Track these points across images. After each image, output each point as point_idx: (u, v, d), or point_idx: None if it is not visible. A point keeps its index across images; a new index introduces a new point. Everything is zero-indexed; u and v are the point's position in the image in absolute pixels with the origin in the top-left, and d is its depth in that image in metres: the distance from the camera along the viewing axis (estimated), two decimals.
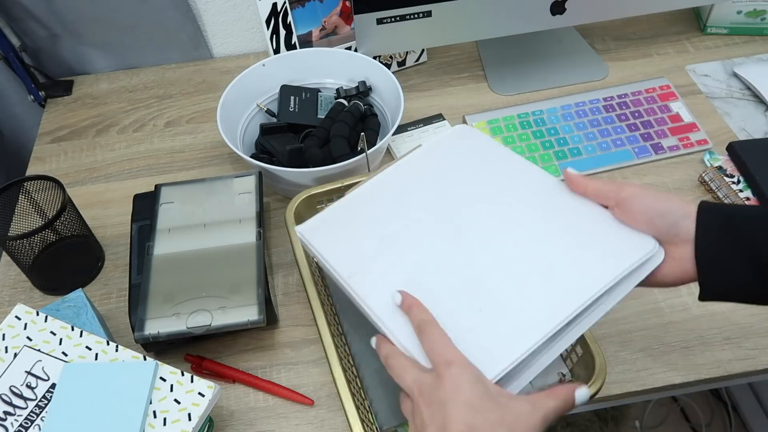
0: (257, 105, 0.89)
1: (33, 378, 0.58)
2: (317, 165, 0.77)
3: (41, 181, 0.74)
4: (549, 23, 0.92)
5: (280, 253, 0.79)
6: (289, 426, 0.65)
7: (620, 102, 0.92)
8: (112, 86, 1.04)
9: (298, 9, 0.95)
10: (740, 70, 0.96)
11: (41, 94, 1.01)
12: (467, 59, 1.04)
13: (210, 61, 1.07)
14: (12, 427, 0.55)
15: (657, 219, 0.49)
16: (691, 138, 0.88)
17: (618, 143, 0.88)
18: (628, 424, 1.40)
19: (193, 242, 0.70)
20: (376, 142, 0.82)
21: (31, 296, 0.77)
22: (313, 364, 0.69)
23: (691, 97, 0.94)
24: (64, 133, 0.97)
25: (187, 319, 0.63)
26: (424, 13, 0.86)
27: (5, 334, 0.61)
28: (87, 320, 0.66)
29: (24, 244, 0.73)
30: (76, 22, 0.98)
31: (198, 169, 0.90)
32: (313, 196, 0.72)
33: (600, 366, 0.57)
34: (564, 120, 0.90)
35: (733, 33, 1.03)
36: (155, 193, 0.75)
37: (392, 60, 1.00)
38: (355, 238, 0.60)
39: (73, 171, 0.91)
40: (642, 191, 0.51)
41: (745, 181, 0.79)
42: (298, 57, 0.90)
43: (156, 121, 0.98)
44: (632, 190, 0.51)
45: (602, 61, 1.01)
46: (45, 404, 0.57)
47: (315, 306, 0.62)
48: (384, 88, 0.87)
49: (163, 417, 0.56)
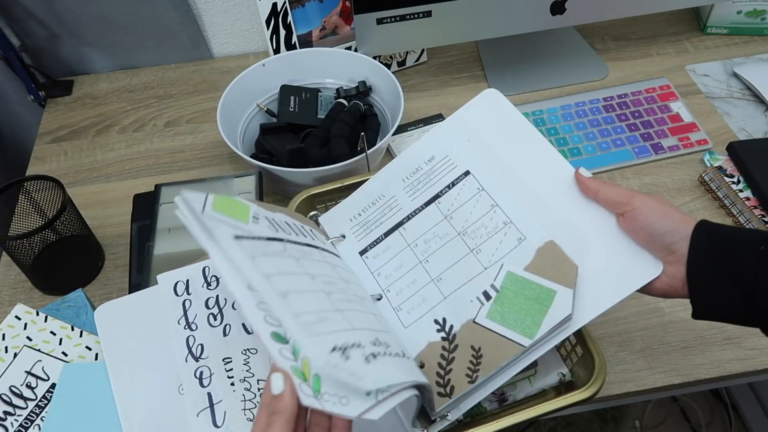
0: (257, 105, 0.89)
1: (33, 378, 0.58)
2: (317, 165, 0.77)
3: (41, 181, 0.74)
4: (549, 23, 0.92)
5: None
6: None
7: (620, 102, 0.92)
8: (112, 86, 1.04)
9: (298, 9, 0.95)
10: (740, 70, 0.96)
11: (41, 94, 1.01)
12: (467, 59, 1.04)
13: (210, 61, 1.07)
14: (12, 427, 0.55)
15: (657, 237, 0.51)
16: (691, 138, 0.88)
17: (618, 143, 0.88)
18: (628, 424, 1.40)
19: (193, 242, 0.69)
20: (376, 142, 0.82)
21: (31, 296, 0.77)
22: None
23: (691, 97, 0.94)
24: (64, 133, 0.97)
25: None
26: (424, 13, 0.86)
27: (5, 334, 0.61)
28: (87, 320, 0.66)
29: (24, 244, 0.73)
30: (76, 22, 0.98)
31: (198, 169, 0.90)
32: (313, 196, 0.72)
33: (600, 366, 0.57)
34: (564, 120, 0.90)
35: (733, 33, 1.03)
36: (155, 193, 0.75)
37: (392, 60, 1.00)
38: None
39: (73, 171, 0.91)
40: (648, 206, 0.51)
41: (745, 181, 0.79)
42: (298, 57, 0.90)
43: (156, 121, 0.98)
44: (640, 204, 0.52)
45: (602, 61, 1.01)
46: (45, 404, 0.57)
47: None
48: (384, 88, 0.87)
49: None
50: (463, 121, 0.62)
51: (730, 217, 0.79)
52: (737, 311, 0.48)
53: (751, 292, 0.47)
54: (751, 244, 0.48)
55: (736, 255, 0.48)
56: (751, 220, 0.76)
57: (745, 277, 0.47)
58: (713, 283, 0.49)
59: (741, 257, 0.48)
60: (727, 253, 0.48)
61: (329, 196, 0.72)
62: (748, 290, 0.47)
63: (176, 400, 0.54)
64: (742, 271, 0.47)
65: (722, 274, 0.48)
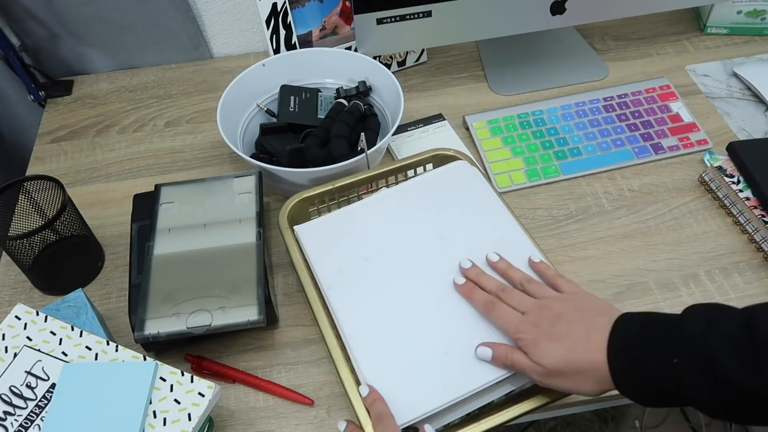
0: (257, 105, 0.89)
1: (33, 378, 0.58)
2: (317, 165, 0.77)
3: (41, 181, 0.74)
4: (549, 23, 0.92)
5: (280, 253, 0.79)
6: (289, 426, 0.65)
7: (620, 102, 0.92)
8: (112, 86, 1.04)
9: (298, 9, 0.95)
10: (740, 70, 0.96)
11: (41, 94, 1.01)
12: (467, 59, 1.04)
13: (210, 61, 1.07)
14: (12, 427, 0.55)
15: None
16: (691, 138, 0.88)
17: (618, 143, 0.88)
18: (628, 424, 1.40)
19: (193, 242, 0.70)
20: (376, 142, 0.82)
21: (31, 296, 0.77)
22: (313, 364, 0.69)
23: (691, 97, 0.94)
24: (64, 133, 0.97)
25: (187, 319, 0.63)
26: (424, 13, 0.86)
27: (5, 334, 0.61)
28: (87, 320, 0.66)
29: (24, 244, 0.73)
30: (76, 22, 0.98)
31: (198, 169, 0.90)
32: (307, 198, 0.72)
33: None
34: (564, 120, 0.90)
35: (733, 33, 1.03)
36: (155, 193, 0.75)
37: (392, 60, 1.00)
38: (342, 251, 0.65)
39: (73, 171, 0.91)
40: None
41: (745, 181, 0.79)
42: (298, 57, 0.90)
43: (156, 121, 0.98)
44: None
45: (602, 61, 1.01)
46: (45, 404, 0.57)
47: (316, 308, 0.62)
48: (384, 88, 0.87)
49: (163, 417, 0.56)
50: None
51: (730, 216, 0.79)
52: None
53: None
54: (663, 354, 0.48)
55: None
56: (751, 220, 0.76)
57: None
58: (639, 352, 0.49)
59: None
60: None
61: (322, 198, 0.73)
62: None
63: None
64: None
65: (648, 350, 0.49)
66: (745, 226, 0.77)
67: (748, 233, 0.77)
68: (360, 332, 0.58)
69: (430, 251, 0.63)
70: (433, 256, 0.63)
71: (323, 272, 0.63)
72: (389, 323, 0.58)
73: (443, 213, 0.67)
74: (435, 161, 0.76)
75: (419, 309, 0.59)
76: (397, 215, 0.67)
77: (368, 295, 0.61)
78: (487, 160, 0.86)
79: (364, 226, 0.67)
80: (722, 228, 0.78)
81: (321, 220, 0.69)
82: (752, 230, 0.76)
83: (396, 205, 0.68)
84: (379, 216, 0.67)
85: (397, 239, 0.65)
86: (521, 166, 0.85)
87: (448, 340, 0.57)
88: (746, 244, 0.77)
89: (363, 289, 0.61)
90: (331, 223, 0.68)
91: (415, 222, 0.66)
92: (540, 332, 0.53)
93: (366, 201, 0.70)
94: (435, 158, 0.76)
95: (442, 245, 0.64)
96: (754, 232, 0.76)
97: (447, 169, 0.72)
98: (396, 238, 0.65)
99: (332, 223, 0.68)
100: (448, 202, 0.68)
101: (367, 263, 0.63)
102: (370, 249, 0.64)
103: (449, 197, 0.68)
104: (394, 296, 0.60)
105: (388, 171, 0.74)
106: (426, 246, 0.64)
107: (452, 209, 0.67)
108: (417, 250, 0.64)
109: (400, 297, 0.60)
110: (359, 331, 0.58)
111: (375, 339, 0.57)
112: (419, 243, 0.64)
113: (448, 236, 0.64)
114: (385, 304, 0.60)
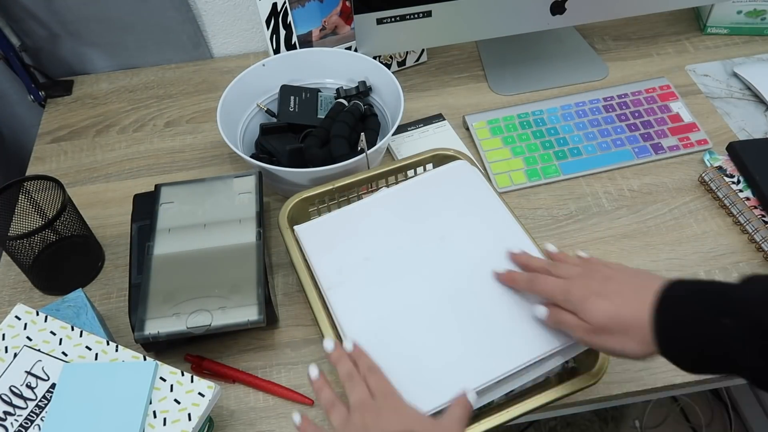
0: (257, 105, 0.89)
1: (33, 378, 0.58)
2: (317, 165, 0.77)
3: (41, 181, 0.74)
4: (549, 23, 0.92)
5: (280, 253, 0.79)
6: (289, 426, 0.65)
7: (620, 102, 0.92)
8: (112, 86, 1.04)
9: (298, 9, 0.95)
10: (740, 70, 0.96)
11: (41, 94, 1.01)
12: (467, 59, 1.04)
13: (210, 61, 1.07)
14: (12, 427, 0.55)
15: None
16: (691, 138, 0.88)
17: (618, 143, 0.88)
18: (628, 424, 1.40)
19: (193, 242, 0.70)
20: (376, 142, 0.82)
21: (31, 296, 0.77)
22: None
23: (691, 97, 0.94)
24: (64, 133, 0.97)
25: (187, 319, 0.63)
26: (424, 13, 0.86)
27: (5, 334, 0.61)
28: (87, 320, 0.66)
29: (24, 244, 0.73)
30: (76, 22, 0.98)
31: (198, 169, 0.90)
32: (307, 198, 0.72)
33: (600, 365, 0.57)
34: (564, 120, 0.90)
35: (733, 33, 1.03)
36: (155, 193, 0.75)
37: (392, 60, 1.00)
38: (342, 251, 0.65)
39: (73, 171, 0.91)
40: None
41: (745, 181, 0.79)
42: (298, 57, 0.90)
43: (156, 121, 0.98)
44: None
45: (602, 61, 1.01)
46: (45, 404, 0.57)
47: (316, 308, 0.62)
48: (384, 88, 0.87)
49: (163, 417, 0.56)
50: None
51: (730, 216, 0.79)
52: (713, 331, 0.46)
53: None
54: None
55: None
56: (751, 220, 0.76)
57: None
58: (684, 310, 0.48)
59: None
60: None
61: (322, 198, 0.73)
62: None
63: None
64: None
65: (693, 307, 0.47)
66: (745, 226, 0.77)
67: (748, 233, 0.77)
68: (360, 332, 0.58)
69: (430, 251, 0.63)
70: (433, 256, 0.63)
71: (323, 272, 0.63)
72: (389, 323, 0.58)
73: (443, 213, 0.67)
74: (435, 161, 0.76)
75: (419, 309, 0.59)
76: (397, 215, 0.67)
77: (368, 294, 0.61)
78: (487, 160, 0.86)
79: (364, 226, 0.67)
80: (722, 228, 0.78)
81: (321, 220, 0.68)
82: (752, 230, 0.76)
83: (396, 205, 0.68)
84: (379, 216, 0.67)
85: (397, 239, 0.65)
86: (521, 166, 0.85)
87: (448, 340, 0.57)
88: (746, 244, 0.77)
89: (363, 289, 0.61)
90: (331, 223, 0.68)
91: (415, 222, 0.66)
92: (590, 290, 0.52)
93: (366, 201, 0.69)
94: (435, 158, 0.76)
95: (442, 245, 0.64)
96: (754, 232, 0.76)
97: (447, 169, 0.72)
98: (396, 238, 0.65)
99: (332, 223, 0.68)
100: (448, 202, 0.68)
101: (367, 263, 0.63)
102: (370, 249, 0.64)
103: (449, 197, 0.68)
104: (394, 296, 0.60)
105: (388, 171, 0.74)
106: (426, 246, 0.64)
107: (452, 209, 0.67)
108: (417, 250, 0.64)
109: (399, 297, 0.60)
110: (359, 331, 0.58)
111: (374, 339, 0.57)
112: (419, 243, 0.64)
113: (448, 236, 0.64)
114: (385, 304, 0.60)
